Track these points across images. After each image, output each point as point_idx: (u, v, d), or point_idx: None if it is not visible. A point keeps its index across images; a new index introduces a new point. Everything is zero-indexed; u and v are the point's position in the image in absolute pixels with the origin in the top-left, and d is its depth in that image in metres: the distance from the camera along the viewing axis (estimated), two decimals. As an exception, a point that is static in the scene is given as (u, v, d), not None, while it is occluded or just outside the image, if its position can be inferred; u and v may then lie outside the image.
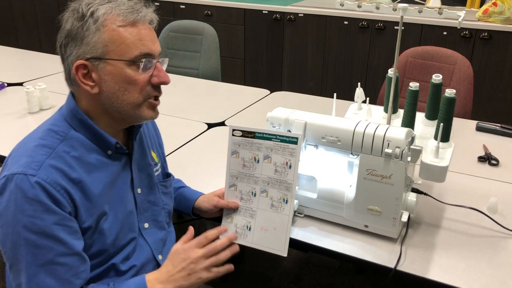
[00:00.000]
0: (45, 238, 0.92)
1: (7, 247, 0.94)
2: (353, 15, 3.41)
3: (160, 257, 1.17)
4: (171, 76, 2.52)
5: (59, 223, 0.94)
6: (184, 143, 1.76)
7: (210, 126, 1.92)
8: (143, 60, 0.99)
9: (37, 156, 0.96)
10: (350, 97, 1.68)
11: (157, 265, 1.16)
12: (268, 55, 3.86)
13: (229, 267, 1.12)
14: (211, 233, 1.12)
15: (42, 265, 0.92)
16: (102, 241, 1.03)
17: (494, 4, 3.05)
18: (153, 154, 1.22)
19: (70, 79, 1.02)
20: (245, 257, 2.26)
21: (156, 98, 1.06)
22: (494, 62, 3.11)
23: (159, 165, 1.24)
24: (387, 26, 3.34)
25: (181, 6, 4.01)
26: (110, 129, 1.06)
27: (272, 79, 3.90)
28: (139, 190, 1.13)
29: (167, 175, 1.29)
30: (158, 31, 1.33)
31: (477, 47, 3.11)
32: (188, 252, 1.07)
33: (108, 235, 1.04)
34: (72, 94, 1.06)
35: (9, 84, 2.33)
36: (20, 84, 2.35)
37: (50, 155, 0.97)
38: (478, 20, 3.11)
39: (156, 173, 1.21)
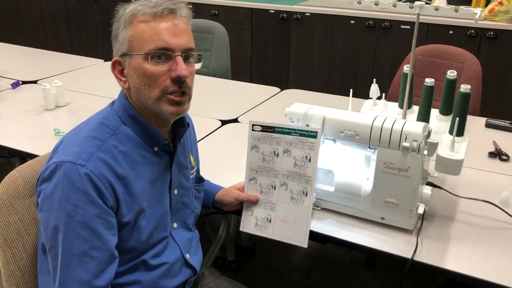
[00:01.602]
0: (84, 229, 0.95)
1: (48, 230, 0.97)
2: (360, 14, 3.45)
3: (187, 255, 1.20)
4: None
5: (100, 216, 0.96)
6: (199, 139, 1.79)
7: (224, 123, 1.95)
8: (156, 53, 1.00)
9: (87, 147, 0.99)
10: (357, 96, 1.71)
11: (185, 263, 1.19)
12: (274, 55, 3.89)
13: None
14: None
15: (76, 254, 0.95)
16: (137, 237, 1.05)
17: (500, 3, 3.08)
18: (191, 158, 1.25)
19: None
20: (256, 251, 2.29)
21: (178, 93, 1.04)
22: (500, 61, 3.14)
23: (195, 169, 1.27)
24: (393, 25, 3.37)
25: (188, 6, 4.03)
26: (157, 127, 1.09)
27: (279, 78, 3.93)
28: (175, 191, 1.16)
29: (200, 180, 1.32)
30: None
31: (483, 46, 3.14)
32: None
33: (144, 232, 1.06)
34: (121, 92, 1.10)
35: (24, 82, 2.36)
36: (35, 82, 2.38)
37: (100, 148, 0.99)
38: (484, 19, 3.14)
39: (191, 176, 1.23)
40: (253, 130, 1.28)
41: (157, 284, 1.11)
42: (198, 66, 1.11)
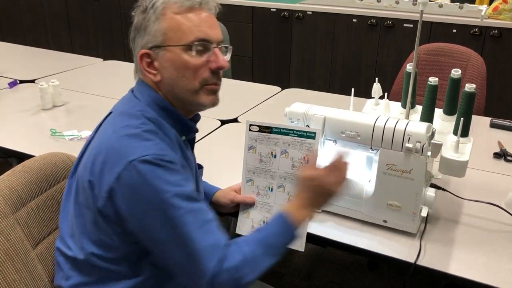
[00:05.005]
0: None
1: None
2: (362, 13, 3.41)
3: None
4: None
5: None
6: (198, 139, 1.76)
7: (223, 122, 1.92)
8: (198, 44, 1.00)
9: (148, 142, 0.96)
10: (359, 95, 1.68)
11: None
12: (276, 53, 3.86)
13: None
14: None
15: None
16: None
17: (504, 1, 3.04)
18: None
19: (139, 70, 1.06)
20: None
21: (215, 83, 1.06)
22: (504, 60, 3.10)
23: None
24: (396, 24, 3.33)
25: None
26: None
27: (280, 77, 3.90)
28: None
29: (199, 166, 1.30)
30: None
31: (487, 44, 3.10)
32: (321, 179, 1.04)
33: None
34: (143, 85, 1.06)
35: (21, 81, 2.34)
36: (32, 81, 2.36)
37: (157, 138, 0.98)
38: (488, 18, 3.10)
39: None
40: (250, 130, 1.25)
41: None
42: (227, 57, 1.11)
